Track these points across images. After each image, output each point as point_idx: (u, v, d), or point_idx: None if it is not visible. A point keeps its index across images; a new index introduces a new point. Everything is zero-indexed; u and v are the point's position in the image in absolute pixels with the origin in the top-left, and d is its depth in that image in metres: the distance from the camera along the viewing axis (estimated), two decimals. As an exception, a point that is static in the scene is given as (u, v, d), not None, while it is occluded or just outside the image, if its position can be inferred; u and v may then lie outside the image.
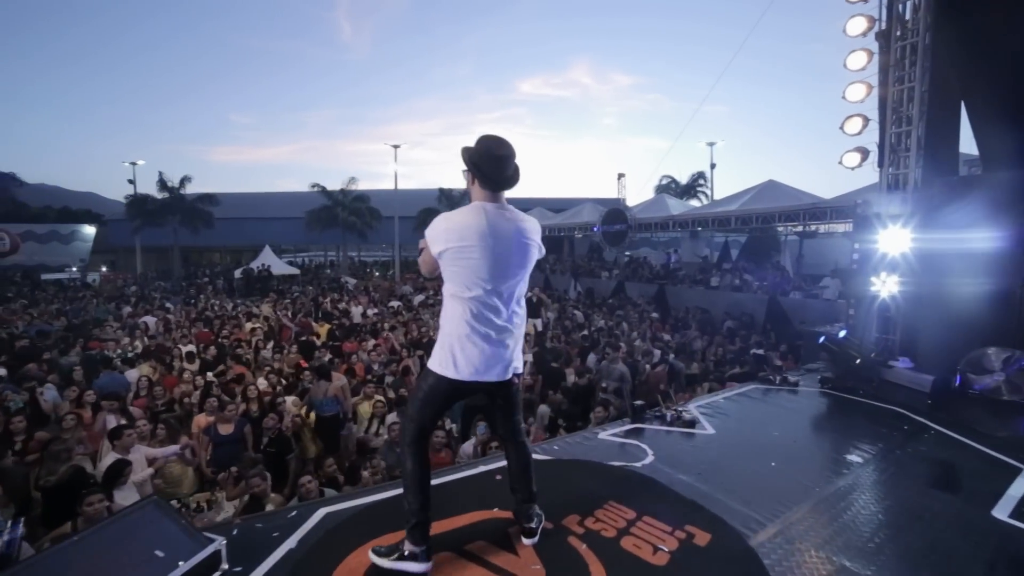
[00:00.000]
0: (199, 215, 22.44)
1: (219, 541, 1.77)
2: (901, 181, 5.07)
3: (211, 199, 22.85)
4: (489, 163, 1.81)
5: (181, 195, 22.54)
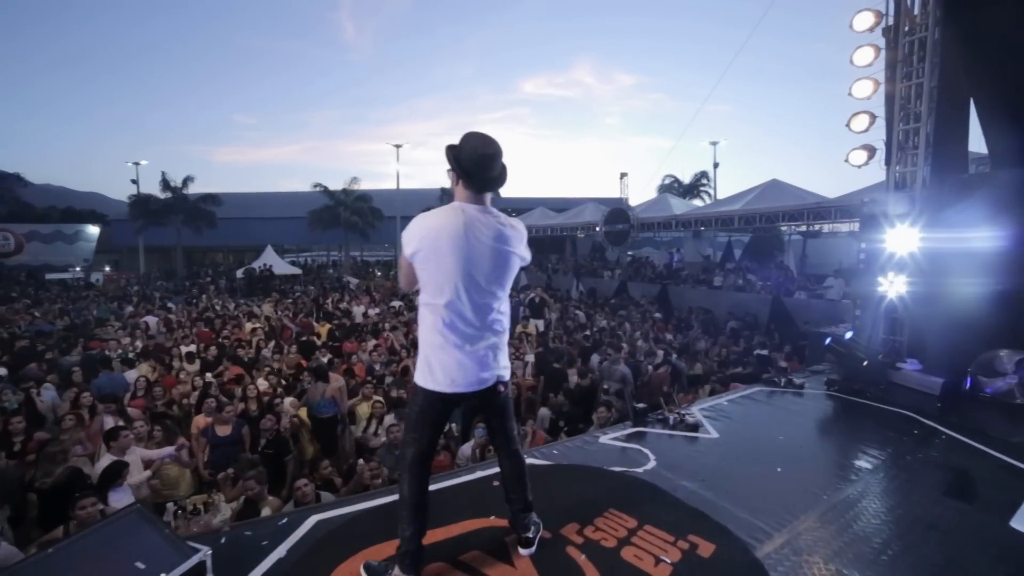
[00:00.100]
0: (202, 215, 22.49)
1: (204, 551, 1.70)
2: (909, 179, 4.97)
3: (214, 199, 22.89)
4: (474, 162, 1.70)
5: (184, 195, 22.60)
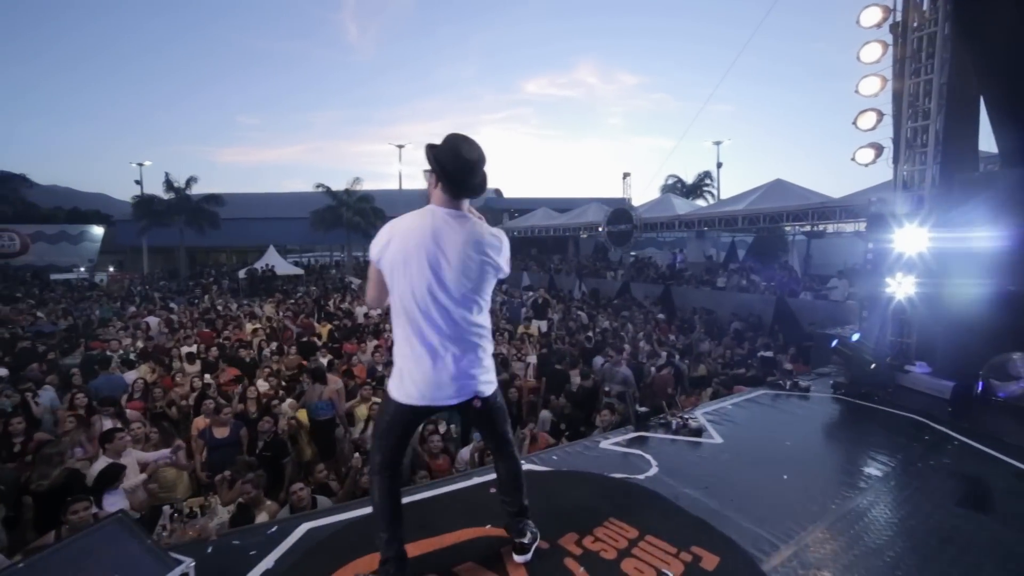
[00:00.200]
0: (204, 215, 22.53)
1: (187, 563, 1.64)
2: (917, 178, 4.87)
3: (216, 199, 22.92)
4: (456, 166, 1.61)
5: (187, 195, 22.65)
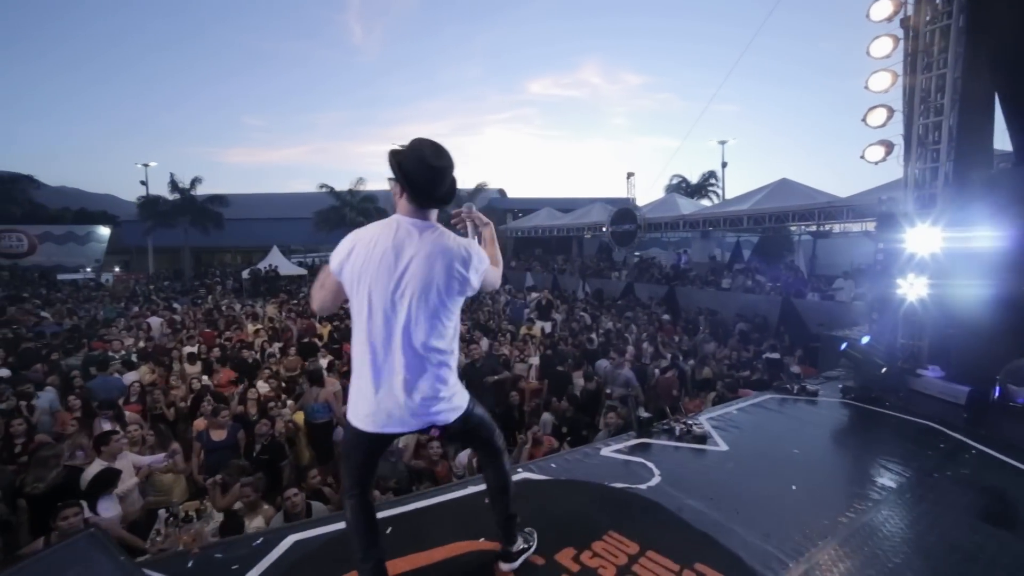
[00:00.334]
0: (209, 216, 22.61)
1: (162, 580, 1.57)
2: (929, 176, 4.74)
3: (221, 200, 23.01)
4: (421, 174, 1.50)
5: (192, 196, 22.75)
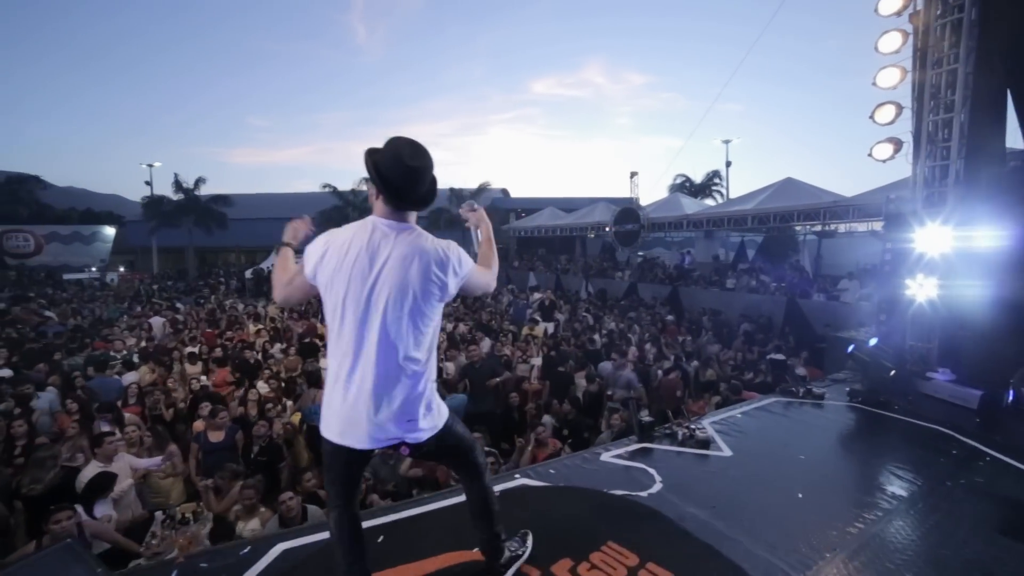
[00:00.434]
0: (213, 216, 22.69)
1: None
2: (939, 174, 4.63)
3: (225, 200, 23.08)
4: (398, 174, 1.42)
5: (196, 196, 22.85)
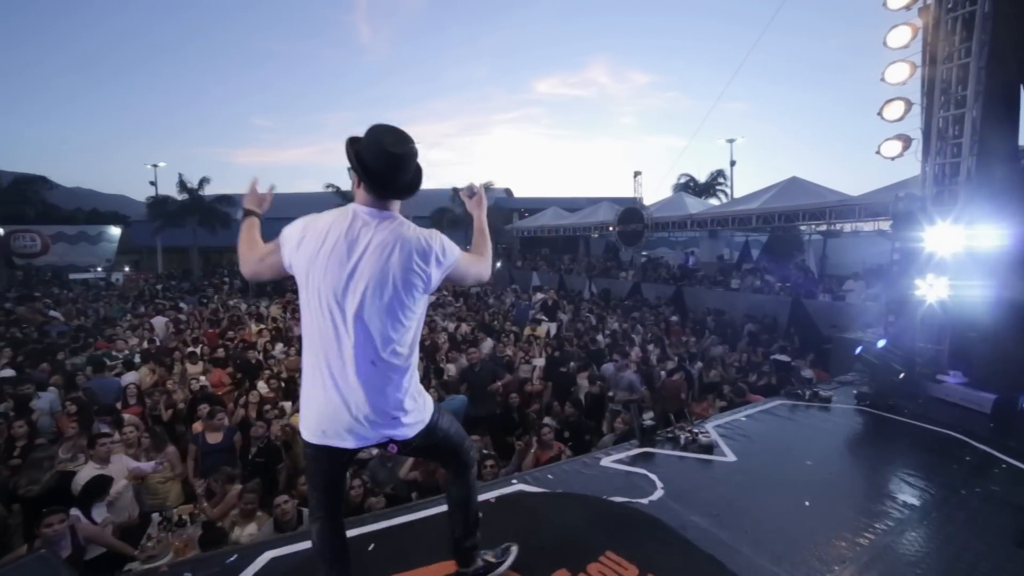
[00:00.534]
0: (217, 216, 22.76)
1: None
2: (949, 171, 4.51)
3: (229, 200, 23.12)
4: (380, 161, 1.36)
5: (200, 196, 22.92)
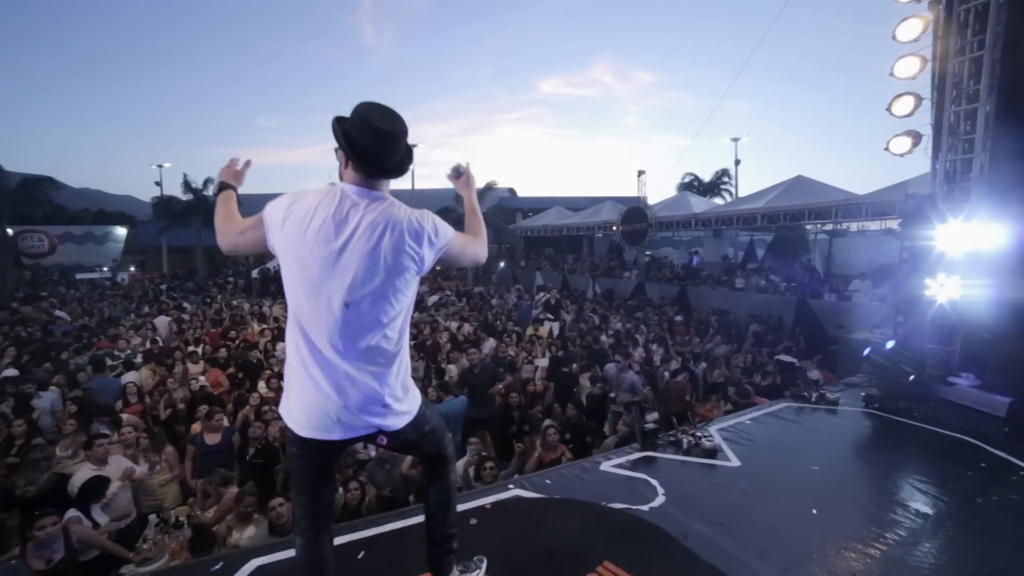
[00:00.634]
0: (221, 216, 22.82)
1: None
2: (961, 168, 4.40)
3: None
4: (368, 139, 1.30)
5: (204, 196, 22.98)
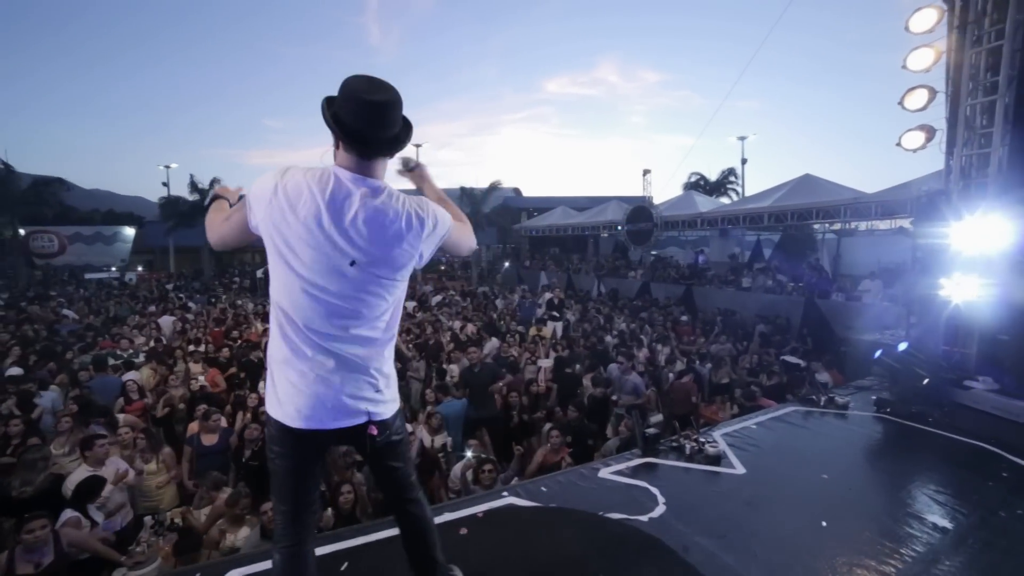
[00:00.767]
0: (226, 216, 23.01)
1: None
2: (977, 163, 4.24)
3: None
4: (357, 113, 1.20)
5: (210, 196, 23.22)
